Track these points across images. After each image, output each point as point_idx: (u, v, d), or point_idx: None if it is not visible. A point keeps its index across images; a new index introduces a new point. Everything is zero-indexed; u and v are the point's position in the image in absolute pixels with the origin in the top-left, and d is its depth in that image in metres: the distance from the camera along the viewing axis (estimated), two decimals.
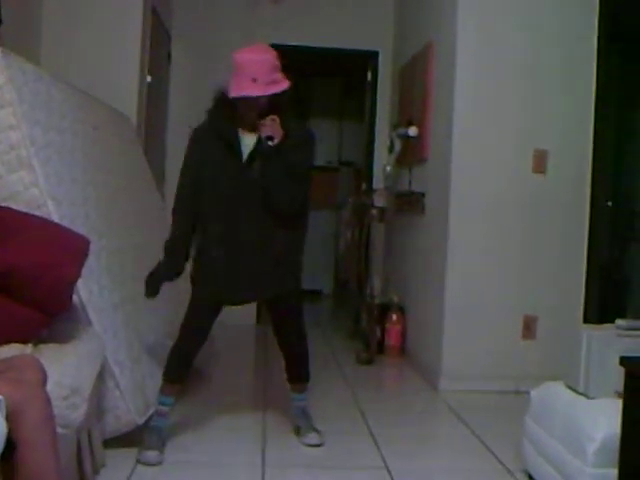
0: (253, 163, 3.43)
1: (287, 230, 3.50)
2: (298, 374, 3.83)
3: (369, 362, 5.57)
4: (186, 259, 3.60)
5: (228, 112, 3.47)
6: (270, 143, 3.32)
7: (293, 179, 3.40)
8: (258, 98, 3.35)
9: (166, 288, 3.68)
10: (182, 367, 3.56)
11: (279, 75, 3.47)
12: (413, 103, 5.94)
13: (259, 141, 3.39)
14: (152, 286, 3.56)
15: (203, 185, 3.47)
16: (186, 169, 3.56)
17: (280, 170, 3.35)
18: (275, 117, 3.35)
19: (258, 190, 3.39)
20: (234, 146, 3.44)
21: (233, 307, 3.69)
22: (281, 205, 3.41)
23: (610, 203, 4.82)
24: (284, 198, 3.40)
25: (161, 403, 3.51)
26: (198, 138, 3.55)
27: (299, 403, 3.84)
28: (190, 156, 3.56)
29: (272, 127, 3.33)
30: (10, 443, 1.85)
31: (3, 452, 1.82)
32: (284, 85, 3.46)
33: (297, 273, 3.67)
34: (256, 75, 3.36)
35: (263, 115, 3.35)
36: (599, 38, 4.84)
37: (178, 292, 4.94)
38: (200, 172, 3.48)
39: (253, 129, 3.42)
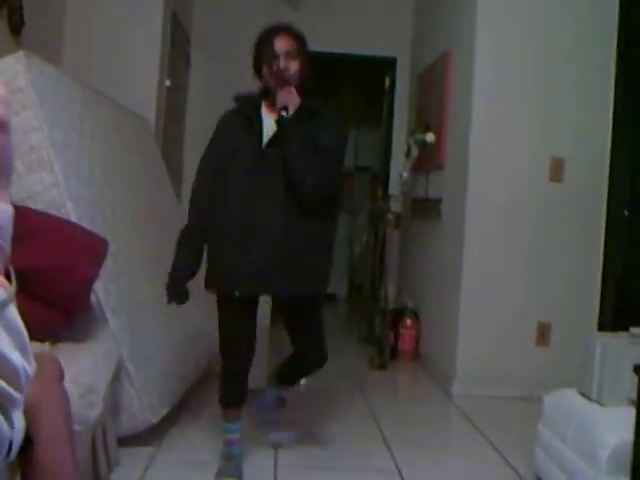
0: (276, 141, 3.17)
1: (310, 222, 3.16)
2: (288, 378, 3.66)
3: (382, 367, 5.58)
4: (201, 253, 3.26)
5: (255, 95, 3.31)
6: (284, 113, 3.12)
7: (320, 161, 3.10)
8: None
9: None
10: (236, 388, 3.28)
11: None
12: (431, 109, 5.96)
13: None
14: (173, 289, 3.26)
15: (221, 168, 3.21)
16: (206, 153, 3.35)
17: (300, 147, 3.09)
18: (291, 88, 3.17)
19: (278, 173, 3.11)
20: (253, 121, 3.20)
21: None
22: (303, 189, 3.08)
23: (627, 212, 4.81)
24: (307, 180, 3.08)
25: (226, 431, 3.29)
26: (223, 120, 3.35)
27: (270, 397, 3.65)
28: (212, 140, 3.34)
29: (286, 96, 3.15)
30: (28, 438, 1.87)
31: (21, 448, 1.84)
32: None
33: (320, 273, 3.28)
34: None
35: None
36: (618, 44, 4.84)
37: (196, 292, 4.98)
38: (220, 153, 3.24)
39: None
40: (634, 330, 3.06)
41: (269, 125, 3.18)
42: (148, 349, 3.58)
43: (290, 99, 3.15)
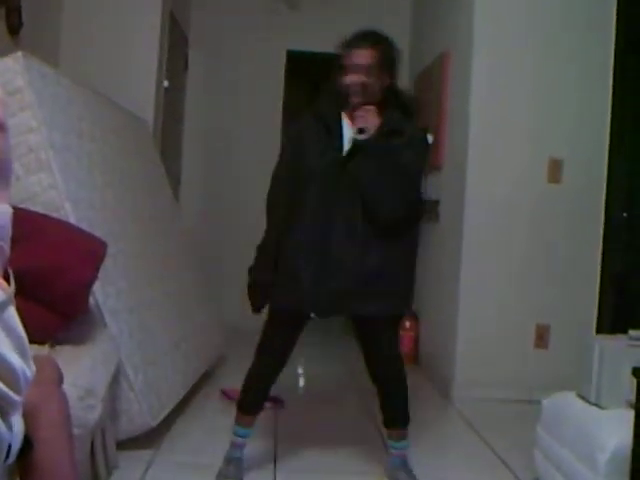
0: (354, 157, 3.03)
1: (389, 242, 3.04)
2: (393, 416, 3.32)
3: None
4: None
5: (333, 97, 3.15)
6: (361, 136, 2.97)
7: (399, 182, 2.99)
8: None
9: (183, 290, 3.69)
10: (258, 397, 3.26)
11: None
12: (429, 110, 5.95)
13: (361, 133, 3.04)
14: (255, 298, 3.16)
15: (299, 174, 3.07)
16: (282, 160, 3.23)
17: (376, 171, 2.96)
18: (371, 107, 3.02)
19: (356, 189, 3.00)
20: (333, 130, 3.07)
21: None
22: (378, 212, 2.99)
23: (625, 214, 4.81)
24: (383, 204, 2.99)
25: (236, 434, 3.23)
26: (300, 127, 3.20)
27: (397, 452, 3.29)
28: (288, 146, 3.23)
29: (364, 117, 3.00)
30: (27, 441, 1.86)
31: (20, 451, 1.84)
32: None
33: (401, 294, 3.15)
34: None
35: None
36: (616, 45, 4.84)
37: (199, 293, 4.98)
38: (297, 159, 3.10)
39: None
40: (633, 332, 3.06)
41: (350, 136, 3.06)
42: (147, 352, 3.57)
43: (368, 120, 3.01)
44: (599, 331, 4.70)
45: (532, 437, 3.34)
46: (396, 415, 3.30)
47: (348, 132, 3.05)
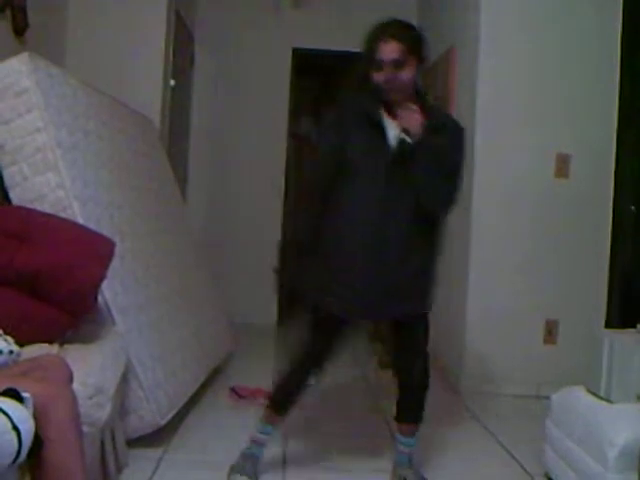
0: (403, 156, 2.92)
1: (432, 238, 3.07)
2: (409, 413, 3.25)
3: (390, 366, 5.57)
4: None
5: (372, 92, 2.99)
6: (407, 138, 2.86)
7: (449, 179, 2.93)
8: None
9: (191, 288, 3.67)
10: (292, 397, 3.20)
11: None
12: None
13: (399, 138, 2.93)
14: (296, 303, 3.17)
15: (343, 164, 2.96)
16: (325, 143, 3.09)
17: (426, 170, 2.86)
18: (414, 107, 2.88)
19: (405, 187, 2.91)
20: (379, 127, 2.95)
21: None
22: (432, 210, 2.98)
23: (634, 207, 4.80)
24: (437, 202, 2.97)
25: (260, 431, 3.19)
26: (340, 113, 3.06)
27: (404, 449, 3.24)
28: (329, 129, 3.08)
29: (409, 118, 2.87)
30: (37, 440, 1.87)
31: (30, 449, 1.85)
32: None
33: (433, 291, 3.13)
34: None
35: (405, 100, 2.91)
36: (622, 40, 4.82)
37: (209, 289, 4.99)
38: (339, 149, 2.96)
39: (395, 115, 2.96)
40: None
41: (392, 132, 2.94)
42: (156, 350, 3.58)
43: (412, 122, 2.87)
44: (608, 326, 4.69)
45: (541, 432, 3.34)
46: (411, 410, 3.22)
47: (392, 130, 2.94)
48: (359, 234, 2.93)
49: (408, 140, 2.86)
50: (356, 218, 2.94)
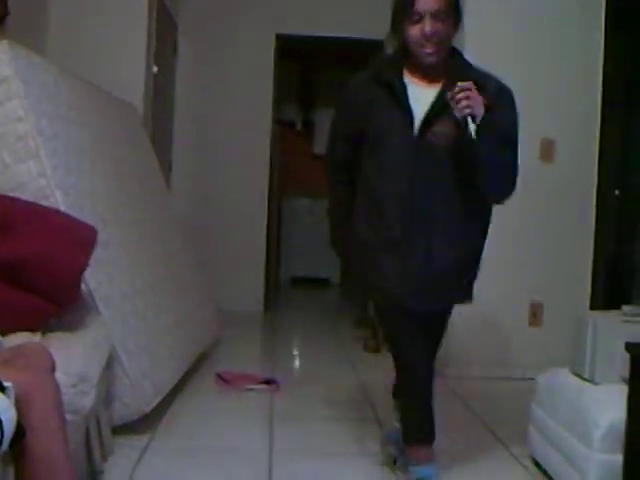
0: (432, 126, 2.59)
1: (481, 218, 2.82)
2: (424, 427, 2.92)
3: (376, 350, 5.58)
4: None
5: (395, 58, 2.72)
6: (473, 127, 2.45)
7: (507, 152, 2.61)
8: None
9: (176, 275, 3.65)
10: (423, 415, 2.88)
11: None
12: None
13: (441, 96, 2.58)
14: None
15: (366, 139, 2.69)
16: (341, 116, 2.86)
17: (491, 150, 2.53)
18: (469, 84, 2.48)
19: (439, 161, 2.60)
20: (397, 94, 2.62)
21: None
22: (495, 190, 2.71)
23: (617, 192, 4.83)
24: (500, 180, 2.67)
25: (421, 478, 2.79)
26: (358, 84, 2.77)
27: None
28: (346, 103, 2.82)
29: (471, 101, 2.46)
30: (20, 429, 1.87)
31: (13, 438, 1.84)
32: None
33: (473, 281, 2.92)
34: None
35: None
36: (606, 25, 4.82)
37: (194, 272, 4.98)
38: (362, 121, 2.70)
39: (428, 78, 2.65)
40: (626, 308, 3.07)
41: (417, 97, 2.62)
42: (141, 337, 3.57)
43: (475, 104, 2.47)
44: (593, 307, 4.71)
45: (527, 414, 3.35)
46: (421, 423, 2.92)
47: (413, 88, 2.63)
48: (390, 217, 2.67)
49: (473, 128, 2.46)
50: (390, 201, 2.67)
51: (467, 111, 2.45)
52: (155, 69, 5.80)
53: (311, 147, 9.86)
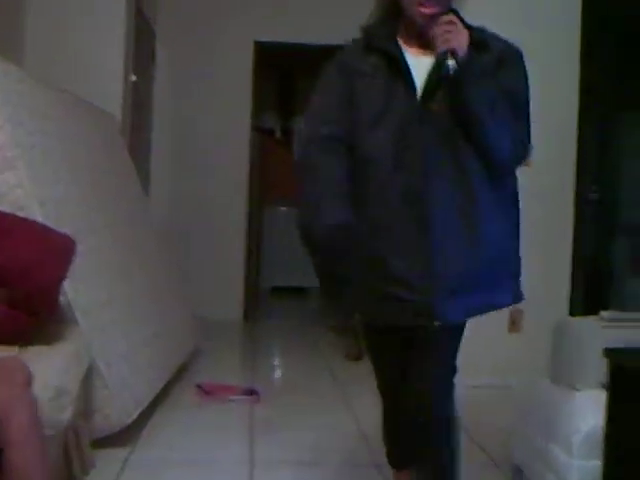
0: (434, 97, 2.16)
1: (504, 201, 2.45)
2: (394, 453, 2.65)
3: (358, 358, 5.57)
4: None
5: (389, 23, 2.30)
6: (452, 63, 2.08)
7: (512, 112, 2.21)
8: None
9: (155, 284, 3.63)
10: (400, 444, 2.61)
11: None
12: None
13: (440, 65, 2.14)
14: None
15: (354, 122, 2.21)
16: (324, 94, 2.33)
17: (487, 102, 2.13)
18: (451, 17, 2.13)
19: (451, 136, 2.16)
20: (400, 64, 2.20)
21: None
22: (498, 160, 2.29)
23: (596, 195, 4.85)
24: (503, 145, 2.24)
25: None
26: (348, 55, 2.33)
27: None
28: (329, 79, 2.33)
29: (450, 34, 2.10)
30: None
31: None
32: None
33: (518, 275, 2.57)
34: None
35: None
36: (583, 27, 4.85)
37: (172, 280, 4.96)
38: (355, 96, 2.22)
39: (424, 46, 2.22)
40: (605, 314, 3.08)
41: (413, 66, 2.20)
42: (120, 348, 3.55)
43: (457, 38, 2.11)
44: (572, 313, 4.73)
45: (508, 422, 3.36)
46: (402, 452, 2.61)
47: (410, 59, 2.22)
48: (386, 210, 2.20)
49: (452, 65, 2.10)
50: (374, 194, 2.19)
51: (445, 45, 2.10)
52: (133, 77, 5.79)
53: (291, 155, 9.84)
